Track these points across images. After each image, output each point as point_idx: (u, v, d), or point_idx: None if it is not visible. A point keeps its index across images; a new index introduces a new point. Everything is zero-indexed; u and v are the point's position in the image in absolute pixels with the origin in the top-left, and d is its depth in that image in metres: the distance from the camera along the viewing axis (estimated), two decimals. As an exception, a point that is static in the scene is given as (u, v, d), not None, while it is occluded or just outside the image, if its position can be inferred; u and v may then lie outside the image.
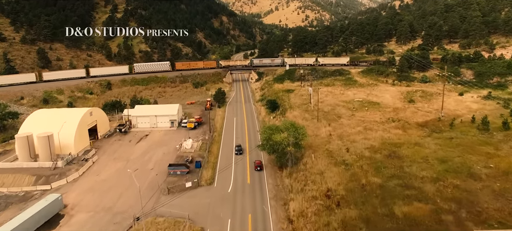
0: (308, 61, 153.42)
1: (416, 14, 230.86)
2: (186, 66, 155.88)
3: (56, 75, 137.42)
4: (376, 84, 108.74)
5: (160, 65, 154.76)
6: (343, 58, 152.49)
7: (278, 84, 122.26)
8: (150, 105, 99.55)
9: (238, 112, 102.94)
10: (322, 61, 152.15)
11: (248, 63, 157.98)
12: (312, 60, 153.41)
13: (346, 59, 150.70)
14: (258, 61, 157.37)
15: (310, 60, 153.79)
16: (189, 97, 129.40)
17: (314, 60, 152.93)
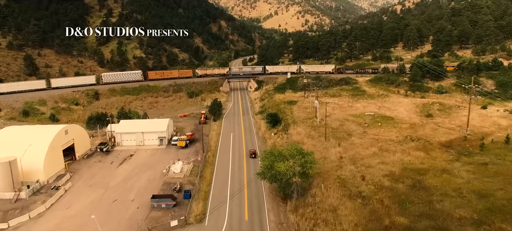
0: (291, 69, 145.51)
1: (421, 19, 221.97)
2: (160, 76, 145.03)
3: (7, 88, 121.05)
4: (387, 95, 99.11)
5: (130, 75, 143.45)
6: (328, 66, 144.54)
7: (279, 95, 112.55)
8: (136, 121, 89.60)
9: (236, 127, 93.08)
10: (306, 68, 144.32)
11: (226, 71, 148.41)
12: (295, 68, 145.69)
13: (331, 66, 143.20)
14: (237, 69, 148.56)
15: (293, 68, 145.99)
16: (182, 109, 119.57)
17: (297, 68, 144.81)
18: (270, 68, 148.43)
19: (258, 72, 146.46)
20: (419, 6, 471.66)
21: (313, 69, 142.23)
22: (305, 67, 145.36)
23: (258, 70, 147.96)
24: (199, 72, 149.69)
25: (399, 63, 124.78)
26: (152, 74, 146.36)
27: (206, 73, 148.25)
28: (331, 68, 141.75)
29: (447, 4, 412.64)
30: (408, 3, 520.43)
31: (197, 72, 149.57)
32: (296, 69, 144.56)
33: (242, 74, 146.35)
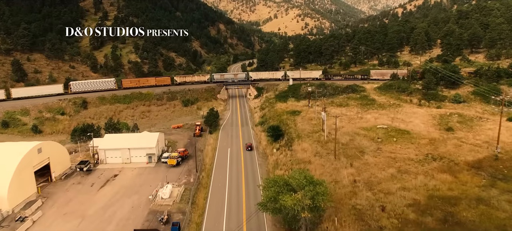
0: (276, 76, 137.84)
1: (426, 21, 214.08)
2: (135, 84, 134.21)
3: None
4: (399, 105, 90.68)
5: (103, 83, 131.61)
6: (315, 72, 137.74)
7: (281, 103, 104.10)
8: (123, 135, 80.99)
9: (234, 140, 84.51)
10: (291, 74, 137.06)
11: (208, 78, 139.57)
12: (280, 75, 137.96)
13: (318, 72, 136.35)
14: (219, 77, 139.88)
15: (279, 75, 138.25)
16: (176, 118, 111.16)
17: (282, 74, 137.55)
18: (254, 74, 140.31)
19: (241, 79, 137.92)
20: (421, 9, 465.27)
21: (299, 76, 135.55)
22: (291, 73, 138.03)
23: (241, 77, 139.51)
24: (178, 79, 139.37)
25: (409, 69, 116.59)
26: (126, 82, 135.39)
27: (185, 81, 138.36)
28: (318, 74, 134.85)
29: (450, 7, 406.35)
30: (409, 6, 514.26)
31: (176, 79, 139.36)
32: (281, 76, 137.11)
33: (226, 81, 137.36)
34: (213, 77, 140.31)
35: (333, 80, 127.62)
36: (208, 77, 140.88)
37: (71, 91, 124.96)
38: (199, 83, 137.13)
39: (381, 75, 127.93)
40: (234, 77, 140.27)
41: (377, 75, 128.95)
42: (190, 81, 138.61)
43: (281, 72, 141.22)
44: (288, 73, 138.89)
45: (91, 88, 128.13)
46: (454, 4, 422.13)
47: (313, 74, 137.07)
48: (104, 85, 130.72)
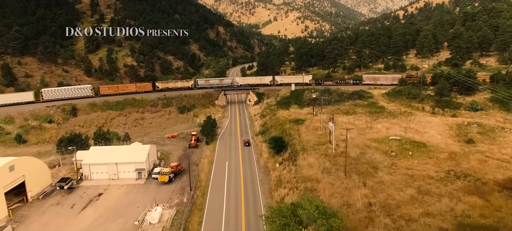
0: (264, 81, 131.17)
1: (431, 24, 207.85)
2: (113, 91, 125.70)
3: None
4: (410, 113, 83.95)
5: (78, 90, 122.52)
6: (305, 77, 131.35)
7: (282, 111, 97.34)
8: (110, 148, 74.12)
9: (232, 153, 77.65)
10: (281, 80, 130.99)
11: (191, 84, 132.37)
12: (268, 79, 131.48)
13: (308, 77, 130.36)
14: (204, 82, 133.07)
15: (266, 80, 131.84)
16: (171, 126, 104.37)
17: (270, 79, 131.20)
18: (240, 79, 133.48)
19: (226, 84, 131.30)
20: (422, 11, 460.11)
21: (290, 81, 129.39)
22: (280, 79, 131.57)
23: (227, 82, 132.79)
24: (160, 85, 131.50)
25: (418, 73, 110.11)
26: (104, 89, 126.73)
27: (167, 87, 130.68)
28: (308, 79, 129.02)
29: (453, 9, 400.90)
30: (410, 8, 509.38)
31: (157, 85, 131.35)
32: (269, 81, 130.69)
33: (209, 87, 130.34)
34: (197, 83, 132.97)
35: (324, 85, 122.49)
36: (192, 82, 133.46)
37: (43, 99, 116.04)
38: (183, 89, 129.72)
39: (374, 80, 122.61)
40: (219, 82, 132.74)
41: (369, 80, 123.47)
42: (173, 88, 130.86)
43: (269, 77, 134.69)
44: (276, 78, 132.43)
45: (66, 95, 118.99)
46: (456, 6, 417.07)
47: (304, 79, 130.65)
48: (79, 92, 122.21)
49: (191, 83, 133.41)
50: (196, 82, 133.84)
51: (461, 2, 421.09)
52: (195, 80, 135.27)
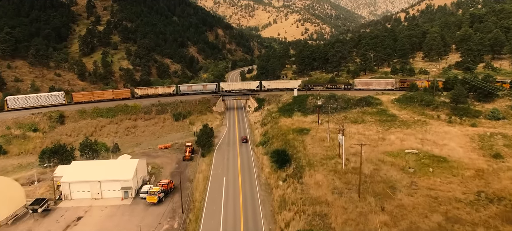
0: (250, 86, 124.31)
1: (437, 25, 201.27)
2: (88, 98, 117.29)
3: None
4: (425, 122, 76.92)
5: (49, 98, 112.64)
6: (293, 82, 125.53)
7: (285, 119, 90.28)
8: (94, 163, 66.92)
9: (230, 166, 70.48)
10: (268, 85, 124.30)
11: (173, 90, 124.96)
12: (255, 85, 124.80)
13: (297, 82, 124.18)
14: (186, 88, 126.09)
15: (253, 85, 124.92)
16: (166, 135, 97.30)
17: (257, 85, 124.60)
18: (225, 85, 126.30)
19: (210, 90, 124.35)
20: (424, 13, 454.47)
21: (276, 86, 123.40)
22: (268, 84, 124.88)
23: (211, 88, 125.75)
24: (139, 92, 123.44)
25: (429, 78, 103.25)
26: (78, 96, 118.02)
27: (147, 93, 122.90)
28: (297, 84, 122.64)
29: (456, 11, 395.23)
30: (412, 10, 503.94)
31: (136, 92, 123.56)
32: (256, 87, 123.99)
33: (192, 93, 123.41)
34: (179, 88, 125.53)
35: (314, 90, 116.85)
36: (173, 89, 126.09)
37: (8, 108, 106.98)
38: (164, 96, 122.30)
39: (366, 85, 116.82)
40: (203, 88, 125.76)
41: (361, 85, 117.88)
42: (153, 94, 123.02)
43: (256, 82, 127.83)
44: (264, 83, 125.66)
45: (34, 103, 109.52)
46: (459, 8, 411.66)
47: (291, 84, 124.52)
48: (50, 100, 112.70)
49: (172, 89, 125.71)
50: (177, 89, 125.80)
51: (463, 4, 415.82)
52: (177, 87, 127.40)
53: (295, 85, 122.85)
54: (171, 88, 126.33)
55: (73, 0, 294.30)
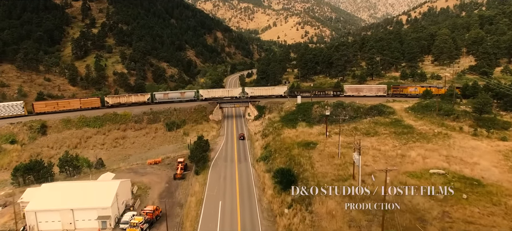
0: (232, 93, 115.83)
1: (444, 27, 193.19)
2: (52, 108, 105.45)
3: None
4: (446, 135, 68.26)
5: (4, 109, 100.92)
6: (278, 88, 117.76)
7: (288, 130, 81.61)
8: (69, 185, 57.96)
9: (227, 186, 61.72)
10: (251, 92, 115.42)
11: (147, 99, 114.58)
12: (237, 92, 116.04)
13: (283, 88, 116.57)
14: (162, 95, 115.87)
15: (235, 92, 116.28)
16: (157, 147, 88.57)
17: (240, 92, 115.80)
18: (204, 92, 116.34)
19: (188, 97, 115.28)
20: (427, 15, 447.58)
21: (261, 93, 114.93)
22: (251, 91, 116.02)
23: (189, 95, 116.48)
24: (109, 100, 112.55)
25: (441, 83, 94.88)
26: (40, 106, 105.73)
27: (119, 102, 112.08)
28: (282, 91, 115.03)
29: (459, 13, 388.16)
30: (414, 13, 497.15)
31: (107, 101, 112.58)
32: (239, 93, 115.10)
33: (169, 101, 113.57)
34: (155, 96, 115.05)
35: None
36: (148, 97, 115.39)
37: None
38: (138, 104, 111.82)
39: (357, 91, 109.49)
40: (180, 95, 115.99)
41: (351, 91, 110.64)
42: (126, 103, 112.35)
43: (239, 89, 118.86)
44: (246, 90, 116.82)
45: None
46: (462, 10, 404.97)
47: (276, 90, 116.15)
48: (6, 111, 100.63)
49: (147, 97, 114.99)
50: (153, 97, 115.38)
51: (467, 6, 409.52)
52: (152, 94, 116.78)
53: (281, 91, 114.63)
54: (145, 97, 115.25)
55: (68, 2, 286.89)
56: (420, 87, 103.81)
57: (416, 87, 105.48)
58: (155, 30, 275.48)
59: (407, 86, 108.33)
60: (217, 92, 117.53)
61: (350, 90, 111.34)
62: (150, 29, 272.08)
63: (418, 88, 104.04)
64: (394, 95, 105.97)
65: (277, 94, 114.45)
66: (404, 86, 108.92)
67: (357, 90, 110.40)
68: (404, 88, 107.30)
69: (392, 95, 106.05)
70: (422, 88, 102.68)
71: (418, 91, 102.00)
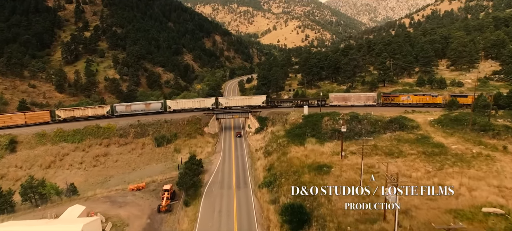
0: (204, 104, 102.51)
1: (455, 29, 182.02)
2: None
3: None
4: (488, 156, 56.45)
5: None
6: (256, 98, 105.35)
7: (295, 147, 69.77)
8: (16, 227, 45.88)
9: (223, 223, 49.71)
10: (226, 102, 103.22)
11: (107, 111, 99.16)
12: (210, 103, 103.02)
13: (262, 98, 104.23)
14: (124, 108, 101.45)
15: (208, 103, 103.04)
16: (144, 166, 76.71)
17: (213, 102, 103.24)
18: (172, 103, 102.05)
19: (155, 109, 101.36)
20: (430, 19, 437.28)
21: (237, 104, 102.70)
22: (225, 101, 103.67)
23: (156, 107, 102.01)
24: (61, 114, 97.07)
25: (473, 90, 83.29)
26: None
27: (73, 116, 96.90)
28: (261, 100, 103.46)
29: (464, 16, 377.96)
30: (417, 16, 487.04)
31: (58, 114, 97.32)
32: (211, 104, 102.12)
33: (135, 112, 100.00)
34: (115, 108, 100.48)
35: (282, 107, 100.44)
36: (108, 109, 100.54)
37: None
38: (95, 118, 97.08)
39: (343, 101, 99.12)
40: (145, 107, 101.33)
41: (337, 100, 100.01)
42: (81, 117, 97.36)
43: (211, 99, 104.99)
44: (220, 100, 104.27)
45: None
46: (467, 13, 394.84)
47: (254, 100, 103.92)
48: None
49: (106, 110, 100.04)
50: (113, 108, 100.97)
51: (472, 9, 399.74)
52: (112, 107, 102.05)
53: (259, 101, 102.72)
54: (104, 109, 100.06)
55: (61, 5, 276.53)
56: (413, 96, 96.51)
57: (409, 95, 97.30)
58: (151, 34, 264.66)
59: (399, 95, 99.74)
60: (187, 103, 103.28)
61: (336, 99, 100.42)
62: (146, 33, 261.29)
63: (411, 97, 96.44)
64: (385, 104, 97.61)
65: (255, 104, 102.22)
66: (395, 95, 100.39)
67: (344, 100, 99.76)
68: (395, 97, 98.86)
69: (383, 105, 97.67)
70: (416, 96, 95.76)
71: (411, 100, 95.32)
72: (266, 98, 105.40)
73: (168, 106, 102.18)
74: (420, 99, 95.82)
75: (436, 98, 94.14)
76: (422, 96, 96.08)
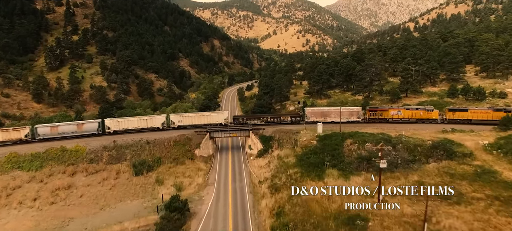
0: (153, 123, 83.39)
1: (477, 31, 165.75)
2: None
3: None
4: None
5: None
6: (216, 114, 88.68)
7: (312, 182, 52.78)
8: None
9: None
10: (179, 121, 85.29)
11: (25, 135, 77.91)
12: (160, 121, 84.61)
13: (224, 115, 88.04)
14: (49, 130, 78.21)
15: (158, 122, 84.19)
16: (115, 204, 59.48)
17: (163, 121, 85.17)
18: (112, 123, 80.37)
19: (89, 131, 79.66)
20: (436, 22, 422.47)
21: (192, 122, 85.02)
22: (178, 119, 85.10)
23: (91, 128, 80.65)
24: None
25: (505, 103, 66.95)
26: None
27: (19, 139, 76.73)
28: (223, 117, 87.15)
29: (473, 19, 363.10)
30: (422, 20, 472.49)
31: None
32: (161, 123, 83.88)
33: (62, 134, 77.39)
34: (37, 131, 77.67)
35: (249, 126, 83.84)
36: (27, 132, 78.08)
37: None
38: (8, 144, 75.03)
39: (322, 116, 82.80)
40: (77, 128, 78.90)
41: (315, 115, 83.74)
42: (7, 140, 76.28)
43: (162, 117, 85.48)
44: (172, 118, 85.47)
45: None
46: (476, 16, 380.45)
47: (214, 118, 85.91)
48: None
49: (24, 133, 77.48)
50: (34, 130, 78.63)
51: (480, 12, 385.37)
52: (33, 128, 79.37)
53: (220, 119, 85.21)
54: (21, 132, 77.16)
55: (51, 8, 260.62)
56: (405, 110, 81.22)
57: (400, 110, 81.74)
58: (145, 38, 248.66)
59: (388, 108, 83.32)
60: (132, 122, 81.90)
61: (313, 115, 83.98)
62: (140, 37, 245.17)
63: (402, 111, 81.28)
64: (371, 120, 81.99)
65: (215, 122, 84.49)
66: (384, 108, 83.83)
67: (323, 115, 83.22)
68: (384, 111, 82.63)
69: (369, 121, 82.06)
70: (407, 111, 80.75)
71: (402, 116, 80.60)
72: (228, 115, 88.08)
73: (107, 126, 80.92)
74: (412, 114, 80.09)
75: (431, 113, 79.05)
76: (415, 110, 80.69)
